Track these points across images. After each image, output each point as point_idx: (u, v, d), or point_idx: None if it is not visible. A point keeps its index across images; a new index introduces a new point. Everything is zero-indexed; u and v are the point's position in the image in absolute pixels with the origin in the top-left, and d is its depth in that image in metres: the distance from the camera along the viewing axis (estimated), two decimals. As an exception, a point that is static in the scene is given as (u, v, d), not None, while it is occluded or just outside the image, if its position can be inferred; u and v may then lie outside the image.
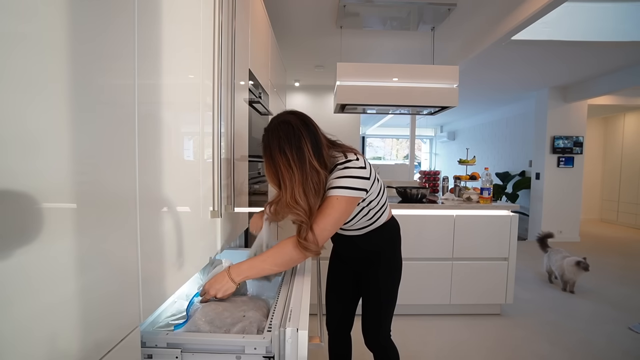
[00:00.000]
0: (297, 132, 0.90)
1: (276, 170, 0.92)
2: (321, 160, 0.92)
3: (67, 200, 0.40)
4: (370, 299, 1.20)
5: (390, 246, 1.19)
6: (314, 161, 0.90)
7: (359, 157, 0.98)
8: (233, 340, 0.68)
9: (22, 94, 0.34)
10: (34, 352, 0.36)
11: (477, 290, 2.33)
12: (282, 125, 0.92)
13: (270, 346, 0.67)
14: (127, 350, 0.53)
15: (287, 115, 0.95)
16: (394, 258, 1.19)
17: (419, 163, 10.09)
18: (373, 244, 1.15)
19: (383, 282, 1.18)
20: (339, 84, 2.53)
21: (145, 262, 0.58)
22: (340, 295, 1.29)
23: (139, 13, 0.55)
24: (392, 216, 1.22)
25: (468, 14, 2.60)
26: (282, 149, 0.89)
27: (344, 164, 0.95)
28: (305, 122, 0.94)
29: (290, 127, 0.91)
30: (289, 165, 0.89)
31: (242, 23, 1.29)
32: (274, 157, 0.90)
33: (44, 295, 0.37)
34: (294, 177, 0.89)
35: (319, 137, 0.95)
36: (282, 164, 0.89)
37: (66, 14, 0.39)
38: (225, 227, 1.08)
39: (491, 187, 2.41)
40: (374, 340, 1.21)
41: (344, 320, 1.32)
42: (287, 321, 0.70)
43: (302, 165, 0.89)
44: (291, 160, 0.88)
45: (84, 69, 0.42)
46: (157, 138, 0.63)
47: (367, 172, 0.97)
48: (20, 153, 0.34)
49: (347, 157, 0.96)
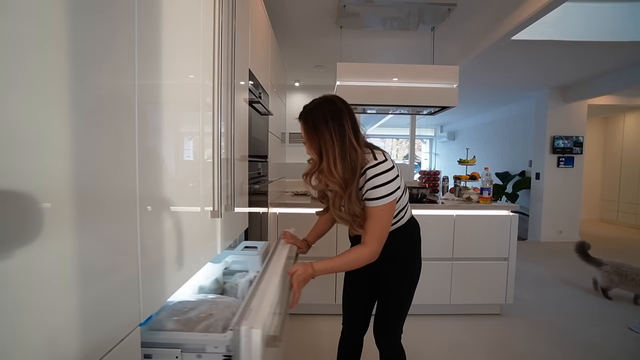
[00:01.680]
0: (340, 111, 1.00)
1: (318, 140, 0.99)
2: (359, 140, 1.00)
3: (67, 200, 0.40)
4: (386, 298, 1.20)
5: (411, 246, 1.19)
6: (353, 139, 0.98)
7: (386, 157, 1.03)
8: (194, 338, 0.66)
9: (22, 94, 0.34)
10: (34, 352, 0.36)
11: (477, 290, 2.33)
12: (327, 103, 1.01)
13: (231, 345, 0.64)
14: (127, 350, 0.53)
15: (332, 96, 1.04)
16: (413, 258, 1.20)
17: (419, 163, 10.09)
18: (395, 244, 1.15)
19: (400, 282, 1.18)
20: (339, 84, 2.53)
21: (145, 262, 0.58)
22: (357, 295, 1.29)
23: (139, 13, 0.55)
24: (412, 216, 1.23)
25: (468, 14, 2.60)
26: (327, 120, 0.97)
27: (374, 170, 0.99)
28: (347, 106, 1.03)
29: (335, 105, 1.01)
30: (331, 137, 0.97)
31: (242, 23, 1.29)
32: (318, 128, 0.98)
33: (44, 295, 0.37)
34: (335, 148, 0.97)
35: (357, 122, 1.03)
36: (326, 135, 0.97)
37: (66, 14, 0.39)
38: (225, 227, 1.08)
39: (491, 187, 2.41)
40: (384, 340, 1.22)
41: (361, 321, 1.31)
42: (242, 319, 0.65)
43: (343, 140, 0.97)
44: (333, 133, 0.97)
45: (84, 69, 0.42)
46: (157, 138, 0.63)
47: (396, 170, 1.03)
48: (20, 153, 0.34)
49: (376, 159, 1.01)
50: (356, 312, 1.30)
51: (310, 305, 2.29)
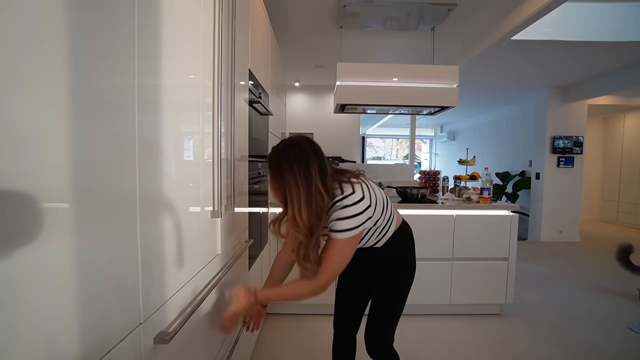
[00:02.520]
0: (306, 154, 0.94)
1: (283, 187, 0.94)
2: (326, 185, 0.95)
3: (67, 200, 0.40)
4: (380, 302, 1.18)
5: (404, 252, 1.18)
6: (320, 184, 0.93)
7: (355, 188, 0.97)
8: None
9: (22, 93, 0.34)
10: (35, 352, 0.36)
11: (477, 290, 2.33)
12: (293, 146, 0.96)
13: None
14: (127, 350, 0.53)
15: (298, 138, 0.99)
16: (408, 263, 1.19)
17: (419, 163, 10.09)
18: (388, 253, 1.15)
19: (394, 287, 1.17)
20: (339, 84, 2.53)
21: (145, 261, 0.58)
22: (352, 295, 1.28)
23: (139, 13, 0.55)
24: (402, 222, 1.21)
25: (468, 14, 2.60)
26: (292, 167, 0.92)
27: (342, 202, 0.95)
28: (314, 148, 0.98)
29: (301, 148, 0.95)
30: (296, 184, 0.92)
31: (242, 23, 1.29)
32: (283, 174, 0.93)
33: (44, 295, 0.37)
34: (300, 196, 0.92)
35: (325, 164, 0.98)
36: (290, 181, 0.92)
37: (66, 14, 0.39)
38: (225, 227, 1.08)
39: (491, 187, 2.41)
40: (377, 346, 1.19)
41: (352, 321, 1.31)
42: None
43: (309, 186, 0.92)
44: (299, 180, 0.92)
45: (84, 69, 0.42)
46: (157, 138, 0.63)
47: (367, 201, 0.97)
48: (20, 153, 0.34)
49: (343, 192, 0.96)
50: (348, 311, 1.30)
51: (310, 305, 2.29)
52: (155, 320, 0.62)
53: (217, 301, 1.02)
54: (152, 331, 0.61)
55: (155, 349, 0.62)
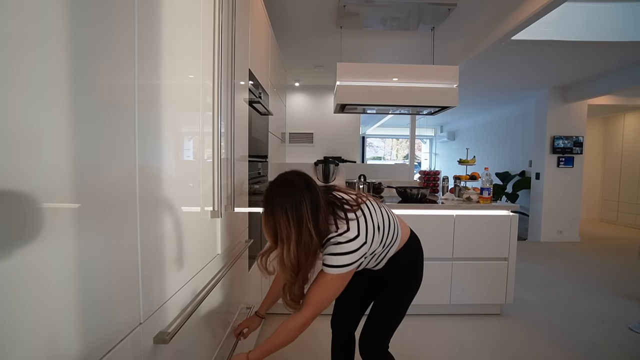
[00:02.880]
0: (299, 193, 0.92)
1: (274, 225, 0.93)
2: (317, 226, 0.93)
3: (67, 200, 0.40)
4: (382, 308, 1.18)
5: (412, 265, 1.17)
6: (310, 225, 0.91)
7: (350, 226, 0.96)
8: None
9: (23, 94, 0.34)
10: (34, 352, 0.36)
11: (477, 290, 2.33)
12: (286, 184, 0.94)
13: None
14: (127, 350, 0.53)
15: (292, 174, 0.97)
16: (415, 275, 1.18)
17: (419, 163, 10.09)
18: (395, 266, 1.14)
19: (399, 296, 1.16)
20: (339, 84, 2.53)
21: (145, 262, 0.58)
22: (351, 295, 1.28)
23: (139, 13, 0.55)
24: (409, 237, 1.19)
25: (468, 14, 2.60)
26: (283, 206, 0.91)
27: (336, 239, 0.95)
28: (308, 185, 0.95)
29: (294, 187, 0.93)
30: (287, 223, 0.91)
31: (242, 23, 1.29)
32: (275, 212, 0.92)
33: (44, 295, 0.37)
34: (290, 235, 0.91)
35: (319, 202, 0.95)
36: (281, 220, 0.91)
37: (67, 14, 0.39)
38: (225, 227, 1.08)
39: (491, 187, 2.41)
40: (372, 350, 1.18)
41: (350, 320, 1.31)
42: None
43: (300, 226, 0.91)
44: (290, 219, 0.90)
45: (85, 69, 0.42)
46: (157, 138, 0.63)
47: (362, 239, 0.96)
48: (21, 153, 0.34)
49: (338, 230, 0.95)
50: (347, 311, 1.30)
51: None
52: (155, 320, 0.62)
53: (217, 302, 1.02)
54: (152, 331, 0.61)
55: (155, 349, 0.62)
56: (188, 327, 0.78)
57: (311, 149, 4.98)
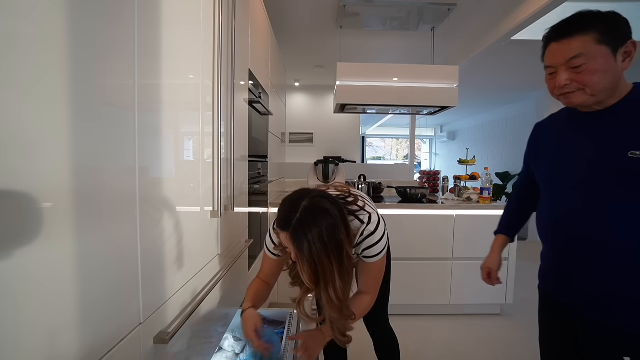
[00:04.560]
0: (336, 223, 0.81)
1: (315, 266, 0.81)
2: (351, 241, 0.87)
3: (67, 200, 0.40)
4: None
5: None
6: (348, 247, 0.84)
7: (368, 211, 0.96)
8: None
9: (23, 94, 0.34)
10: (35, 352, 0.36)
11: (477, 290, 2.33)
12: (322, 216, 0.81)
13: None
14: (127, 350, 0.53)
15: (323, 202, 0.84)
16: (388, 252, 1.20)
17: (419, 163, 10.09)
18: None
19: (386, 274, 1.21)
20: (339, 84, 2.53)
21: (145, 262, 0.58)
22: None
23: (139, 13, 0.55)
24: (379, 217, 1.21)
25: (468, 14, 2.60)
26: (324, 243, 0.80)
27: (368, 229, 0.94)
28: (337, 206, 0.85)
29: (330, 216, 0.81)
30: (328, 259, 0.80)
31: (242, 23, 1.29)
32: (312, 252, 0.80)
33: (44, 296, 0.37)
34: (333, 271, 0.81)
35: (346, 217, 0.88)
36: (322, 257, 0.80)
37: (66, 14, 0.39)
38: (225, 227, 1.08)
39: (491, 187, 2.41)
40: (379, 328, 1.30)
41: None
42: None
43: (340, 255, 0.82)
44: (330, 253, 0.80)
45: (84, 69, 0.42)
46: (157, 138, 0.63)
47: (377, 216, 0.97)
48: (21, 153, 0.34)
49: (363, 222, 0.94)
50: None
51: (310, 305, 2.29)
52: (155, 320, 0.62)
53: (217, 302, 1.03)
54: (152, 331, 0.61)
55: (155, 349, 0.62)
56: (188, 327, 0.78)
57: (311, 149, 4.98)
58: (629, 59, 0.78)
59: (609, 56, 0.75)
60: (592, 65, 0.76)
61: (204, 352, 0.91)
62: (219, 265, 1.03)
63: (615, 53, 0.76)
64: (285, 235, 0.83)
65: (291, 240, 0.81)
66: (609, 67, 0.76)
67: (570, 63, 0.78)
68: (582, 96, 0.79)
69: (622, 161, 0.76)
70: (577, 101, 0.80)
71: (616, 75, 0.77)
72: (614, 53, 0.76)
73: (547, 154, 0.97)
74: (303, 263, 0.82)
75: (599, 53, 0.75)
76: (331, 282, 0.82)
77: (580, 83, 0.78)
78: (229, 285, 1.14)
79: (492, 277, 1.24)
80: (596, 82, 0.76)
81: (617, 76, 0.77)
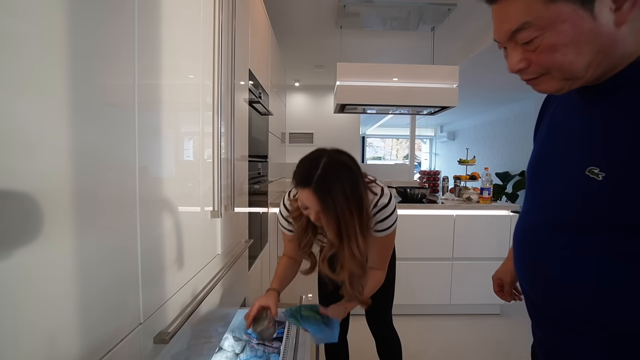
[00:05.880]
0: (356, 176, 0.85)
1: (337, 219, 0.83)
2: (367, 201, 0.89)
3: (67, 200, 0.40)
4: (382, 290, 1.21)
5: None
6: (367, 203, 0.88)
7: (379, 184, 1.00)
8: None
9: (23, 94, 0.34)
10: (34, 352, 0.36)
11: (477, 290, 2.33)
12: (343, 169, 0.84)
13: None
14: (127, 350, 0.53)
15: (342, 157, 0.87)
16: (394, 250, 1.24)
17: (419, 163, 10.08)
18: None
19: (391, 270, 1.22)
20: (339, 84, 2.53)
21: (145, 262, 0.58)
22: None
23: (139, 13, 0.55)
24: None
25: (468, 14, 2.60)
26: (345, 195, 0.81)
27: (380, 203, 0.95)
28: (356, 164, 0.88)
29: (350, 170, 0.84)
30: (350, 213, 0.82)
31: (242, 23, 1.29)
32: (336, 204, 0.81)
33: (44, 296, 0.37)
34: (355, 225, 0.83)
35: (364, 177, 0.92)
36: (345, 210, 0.82)
37: (66, 13, 0.39)
38: (225, 227, 1.08)
39: (491, 187, 2.41)
40: (382, 327, 1.28)
41: (345, 324, 1.32)
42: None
43: (361, 210, 0.84)
44: (352, 207, 0.82)
45: (84, 69, 0.42)
46: (157, 138, 0.63)
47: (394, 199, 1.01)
48: (21, 153, 0.34)
49: (376, 193, 0.96)
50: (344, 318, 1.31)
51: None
52: (155, 320, 0.62)
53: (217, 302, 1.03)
54: (152, 331, 0.61)
55: (155, 349, 0.62)
56: (188, 327, 0.78)
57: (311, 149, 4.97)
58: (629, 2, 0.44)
59: (577, 16, 0.45)
60: (549, 38, 0.47)
61: (204, 352, 0.91)
62: (219, 265, 1.03)
63: (589, 5, 0.44)
64: (307, 192, 0.83)
65: (315, 196, 0.81)
66: (581, 33, 0.46)
67: (516, 39, 0.51)
68: (552, 82, 0.52)
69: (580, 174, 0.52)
70: (548, 89, 0.54)
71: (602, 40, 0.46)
72: (587, 6, 0.45)
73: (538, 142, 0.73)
74: (328, 218, 0.83)
75: (555, 17, 0.46)
76: (354, 235, 0.84)
77: (539, 66, 0.51)
78: (229, 285, 1.14)
79: (504, 291, 0.96)
80: (562, 61, 0.48)
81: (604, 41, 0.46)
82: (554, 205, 0.58)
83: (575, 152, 0.55)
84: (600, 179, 0.49)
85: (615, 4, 0.44)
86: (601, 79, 0.51)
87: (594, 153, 0.51)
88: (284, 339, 1.07)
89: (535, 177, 0.66)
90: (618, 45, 0.47)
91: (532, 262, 0.63)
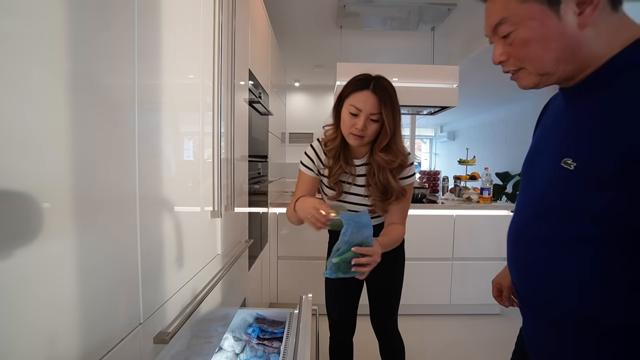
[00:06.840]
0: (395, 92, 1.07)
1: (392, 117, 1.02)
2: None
3: (67, 200, 0.40)
4: (386, 291, 1.25)
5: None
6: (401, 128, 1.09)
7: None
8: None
9: (23, 94, 0.34)
10: (34, 352, 0.36)
11: (477, 290, 2.33)
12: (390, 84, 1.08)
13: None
14: (127, 350, 0.53)
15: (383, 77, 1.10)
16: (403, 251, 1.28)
17: (419, 163, 10.08)
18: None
19: (391, 271, 1.23)
20: (339, 84, 2.54)
21: (145, 262, 0.58)
22: (346, 305, 1.29)
23: (139, 13, 0.55)
24: None
25: (468, 14, 2.60)
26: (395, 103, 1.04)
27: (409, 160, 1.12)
28: None
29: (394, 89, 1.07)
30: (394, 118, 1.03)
31: (242, 23, 1.29)
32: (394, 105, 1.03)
33: (44, 296, 0.37)
34: (397, 124, 1.05)
35: None
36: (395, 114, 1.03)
37: (66, 14, 0.39)
38: (225, 227, 1.08)
39: (491, 187, 2.41)
40: (387, 330, 1.28)
41: (349, 328, 1.31)
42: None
43: (399, 120, 1.07)
44: (397, 114, 1.04)
45: (84, 69, 0.42)
46: (157, 138, 0.63)
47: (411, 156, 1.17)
48: (21, 153, 0.34)
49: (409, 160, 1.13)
50: (346, 319, 1.31)
51: (310, 305, 2.29)
52: (155, 320, 0.62)
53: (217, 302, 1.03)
54: (152, 331, 0.61)
55: (155, 349, 0.62)
56: (188, 327, 0.78)
57: (311, 149, 4.97)
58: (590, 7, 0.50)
59: (545, 15, 0.52)
60: (522, 32, 0.54)
61: (204, 352, 0.91)
62: (219, 265, 1.03)
63: (555, 7, 0.51)
64: (366, 93, 1.02)
65: (374, 95, 1.01)
66: (548, 30, 0.52)
67: (497, 32, 0.58)
68: (528, 77, 0.59)
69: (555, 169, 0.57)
70: (526, 84, 0.60)
71: (567, 39, 0.52)
72: (554, 8, 0.51)
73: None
74: (386, 113, 1.01)
75: (526, 14, 0.53)
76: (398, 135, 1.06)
77: (516, 58, 0.58)
78: (229, 285, 1.14)
79: (503, 296, 0.96)
80: (533, 55, 0.55)
81: (569, 40, 0.52)
82: (534, 201, 0.63)
83: (554, 149, 0.60)
84: (572, 169, 0.53)
85: (578, 8, 0.50)
86: (575, 78, 0.56)
87: (568, 147, 0.56)
88: (284, 339, 1.07)
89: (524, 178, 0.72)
90: (582, 46, 0.53)
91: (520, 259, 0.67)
